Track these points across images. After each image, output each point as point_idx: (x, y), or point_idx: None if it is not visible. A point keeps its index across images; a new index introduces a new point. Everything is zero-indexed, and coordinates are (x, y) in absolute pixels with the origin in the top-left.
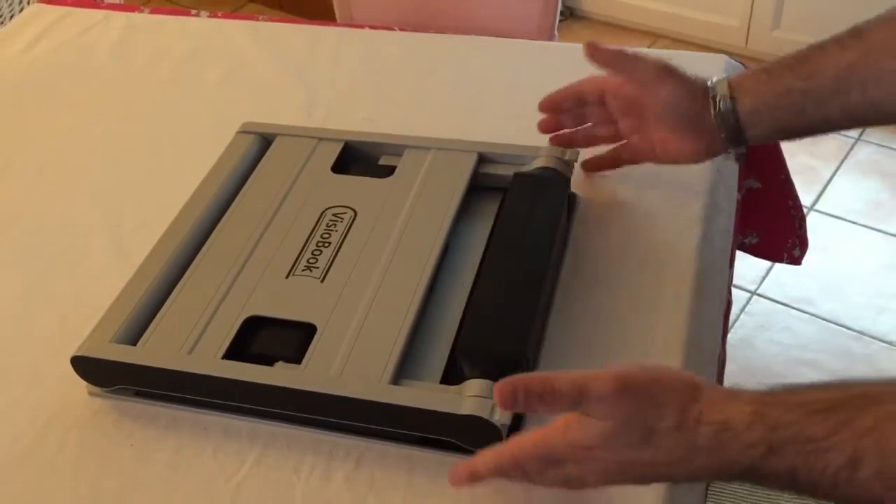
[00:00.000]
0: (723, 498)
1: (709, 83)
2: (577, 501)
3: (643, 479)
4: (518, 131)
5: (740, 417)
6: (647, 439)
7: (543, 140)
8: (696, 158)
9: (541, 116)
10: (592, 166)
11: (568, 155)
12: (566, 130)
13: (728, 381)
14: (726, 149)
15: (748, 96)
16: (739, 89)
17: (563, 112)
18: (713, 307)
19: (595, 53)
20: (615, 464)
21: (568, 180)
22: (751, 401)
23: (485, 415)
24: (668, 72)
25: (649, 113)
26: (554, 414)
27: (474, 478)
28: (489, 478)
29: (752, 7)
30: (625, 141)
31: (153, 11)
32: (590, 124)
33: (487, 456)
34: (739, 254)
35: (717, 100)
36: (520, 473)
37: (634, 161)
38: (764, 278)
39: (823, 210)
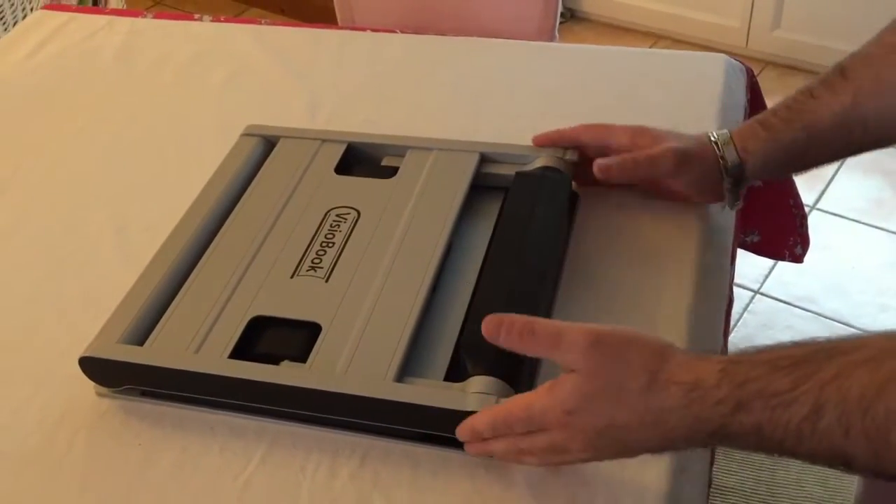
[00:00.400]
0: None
1: (714, 146)
2: (583, 499)
3: (623, 447)
4: (519, 131)
5: (709, 376)
6: (620, 399)
7: None
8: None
9: (541, 115)
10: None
11: (569, 155)
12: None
13: None
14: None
15: (753, 158)
16: (744, 152)
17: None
18: (715, 304)
19: (609, 173)
20: (593, 429)
21: (569, 179)
22: (719, 361)
23: None
24: (684, 162)
25: (668, 189)
26: (530, 355)
27: (475, 435)
28: (487, 435)
29: (752, 7)
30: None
31: (156, 16)
32: None
33: (483, 415)
34: (742, 253)
35: (728, 167)
36: (511, 442)
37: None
38: (766, 277)
39: (825, 209)
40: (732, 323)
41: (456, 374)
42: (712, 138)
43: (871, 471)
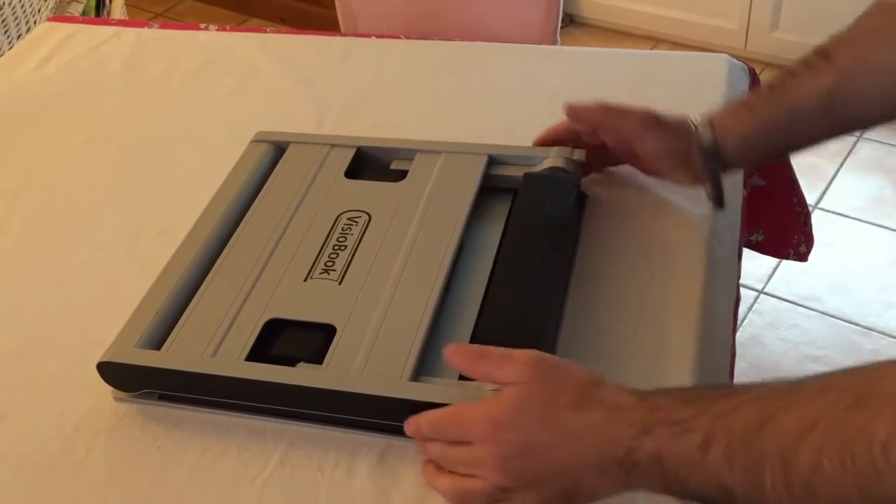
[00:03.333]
0: None
1: (693, 127)
2: None
3: (533, 474)
4: (525, 134)
5: (629, 400)
6: (547, 414)
7: None
8: (690, 186)
9: (547, 117)
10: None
11: (576, 155)
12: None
13: (738, 378)
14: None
15: (732, 136)
16: (722, 130)
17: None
18: (724, 299)
19: (576, 113)
20: (514, 446)
21: (578, 179)
22: (645, 391)
23: None
24: (653, 123)
25: (640, 155)
26: (479, 378)
27: (417, 432)
28: (425, 434)
29: (750, 9)
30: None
31: (162, 26)
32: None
33: (428, 414)
34: (746, 252)
35: (703, 145)
36: (440, 448)
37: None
38: (771, 277)
39: (827, 208)
40: (739, 322)
41: None
42: (692, 119)
43: None
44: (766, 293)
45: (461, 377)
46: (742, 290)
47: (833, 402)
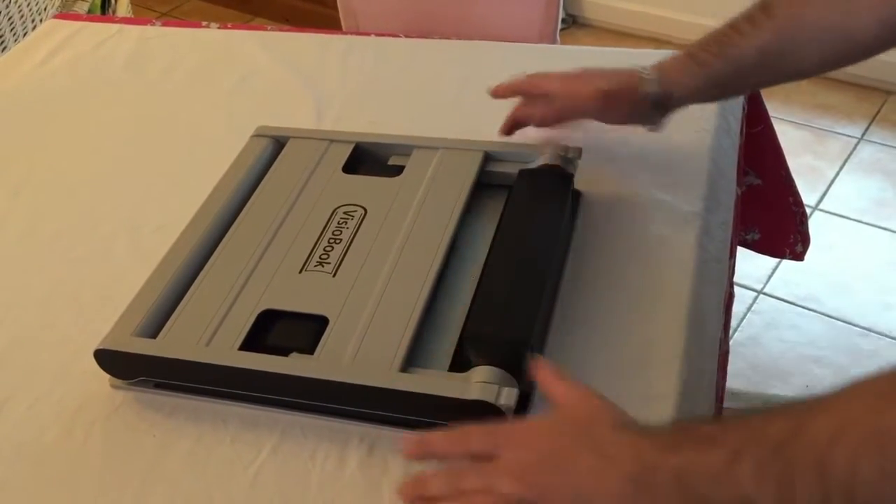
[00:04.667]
0: None
1: (640, 76)
2: None
3: (559, 480)
4: (521, 132)
5: (660, 426)
6: (583, 432)
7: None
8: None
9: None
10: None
11: (571, 153)
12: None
13: (738, 378)
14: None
15: (679, 87)
16: (670, 83)
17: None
18: (714, 294)
19: (505, 90)
20: (543, 453)
21: (571, 177)
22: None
23: (491, 399)
24: (609, 103)
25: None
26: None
27: (425, 447)
28: (441, 443)
29: None
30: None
31: (165, 24)
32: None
33: (442, 431)
34: (745, 253)
35: (651, 96)
36: (444, 474)
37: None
38: (770, 277)
39: (828, 209)
40: (737, 323)
41: (460, 364)
42: (642, 75)
43: None
44: (765, 294)
45: (451, 369)
46: (741, 291)
47: (861, 401)
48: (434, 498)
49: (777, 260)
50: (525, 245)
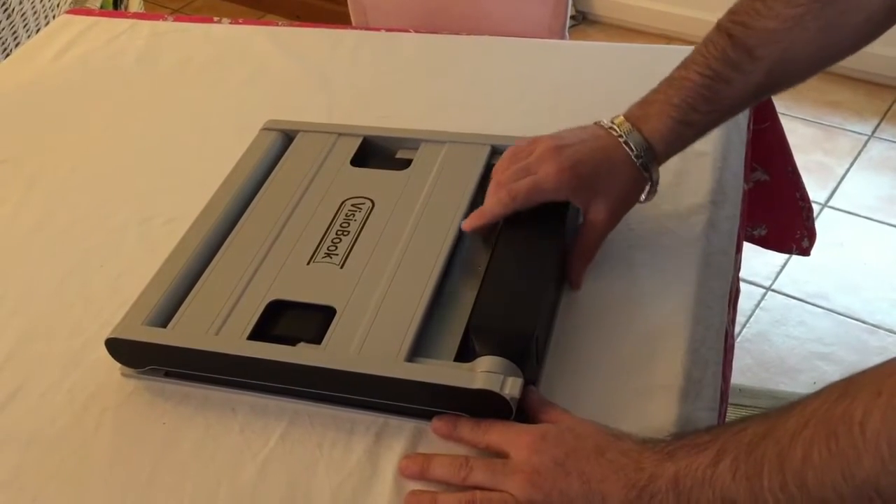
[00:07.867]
0: None
1: (626, 147)
2: None
3: (566, 486)
4: (530, 127)
5: (660, 438)
6: (590, 439)
7: None
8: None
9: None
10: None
11: None
12: None
13: (745, 374)
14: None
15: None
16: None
17: None
18: (719, 286)
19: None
20: (552, 459)
21: None
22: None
23: (496, 389)
24: (615, 210)
25: None
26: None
27: (451, 429)
28: (466, 430)
29: None
30: None
31: (177, 20)
32: None
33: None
34: (753, 249)
35: (649, 189)
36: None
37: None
38: (778, 274)
39: (837, 206)
40: (745, 320)
41: (465, 354)
42: (630, 152)
43: None
44: (773, 290)
45: (457, 358)
46: (749, 287)
47: (824, 398)
48: (435, 480)
49: (786, 257)
50: (530, 236)
